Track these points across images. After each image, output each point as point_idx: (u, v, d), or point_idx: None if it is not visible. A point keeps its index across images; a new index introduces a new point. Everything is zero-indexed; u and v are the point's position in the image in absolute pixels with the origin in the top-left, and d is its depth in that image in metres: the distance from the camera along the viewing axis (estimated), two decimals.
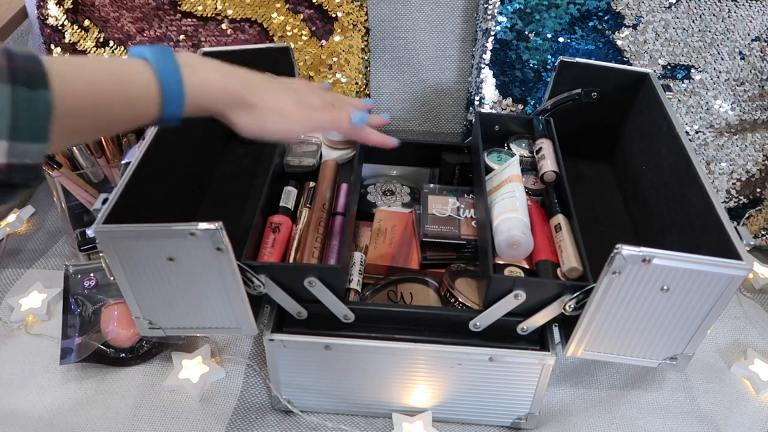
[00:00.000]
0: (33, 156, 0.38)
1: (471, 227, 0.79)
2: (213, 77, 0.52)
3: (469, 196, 0.83)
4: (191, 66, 0.51)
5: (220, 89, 0.52)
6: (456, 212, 0.81)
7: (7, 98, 0.36)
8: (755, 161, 1.00)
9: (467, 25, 1.02)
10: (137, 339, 0.81)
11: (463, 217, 0.80)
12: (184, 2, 0.99)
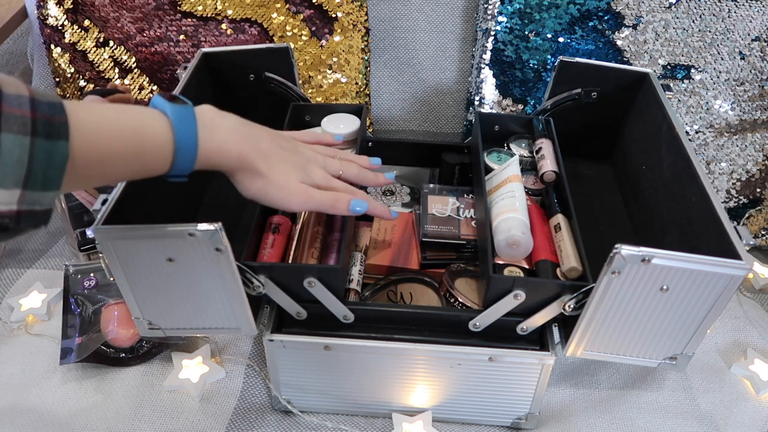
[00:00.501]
0: (43, 203, 0.39)
1: (471, 227, 0.79)
2: (228, 141, 0.53)
3: (469, 196, 0.83)
4: (209, 128, 0.52)
5: (232, 154, 0.54)
6: (456, 212, 0.81)
7: (26, 151, 0.36)
8: (755, 161, 1.00)
9: (467, 25, 1.02)
10: (137, 339, 0.82)
11: (463, 217, 0.80)
12: (184, 2, 0.99)
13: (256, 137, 0.56)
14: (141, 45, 1.02)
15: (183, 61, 1.03)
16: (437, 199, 0.82)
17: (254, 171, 0.56)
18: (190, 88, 0.78)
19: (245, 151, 0.54)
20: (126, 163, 0.47)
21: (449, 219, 0.80)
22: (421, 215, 0.81)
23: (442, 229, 0.78)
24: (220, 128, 0.53)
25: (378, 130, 1.10)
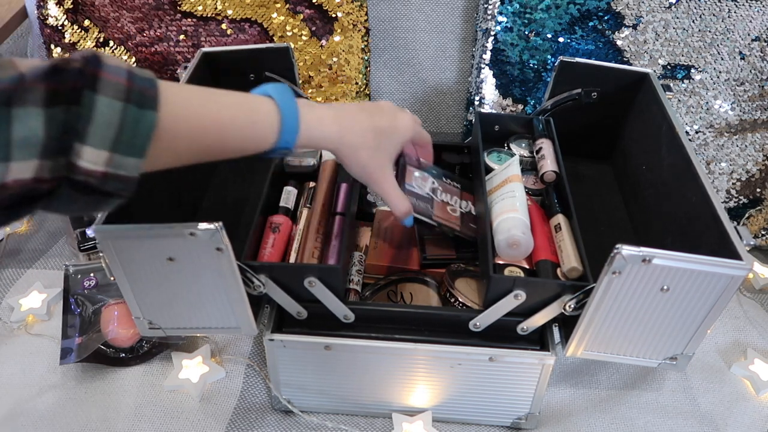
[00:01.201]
0: (128, 169, 0.41)
1: (446, 212, 0.75)
2: (327, 116, 0.57)
3: (447, 181, 0.80)
4: (308, 104, 0.56)
5: (333, 129, 0.57)
6: (432, 192, 0.76)
7: (117, 115, 0.39)
8: (755, 161, 1.00)
9: (467, 25, 1.02)
10: (137, 339, 0.82)
11: (439, 199, 0.76)
12: (184, 2, 0.99)
13: (353, 115, 0.60)
14: (141, 45, 1.02)
15: (183, 61, 1.03)
16: (417, 173, 0.76)
17: (355, 148, 0.59)
18: None
19: (345, 126, 0.58)
20: (228, 134, 0.50)
21: (426, 198, 0.75)
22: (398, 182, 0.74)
23: (418, 204, 0.73)
24: (317, 105, 0.57)
25: None
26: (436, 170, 0.78)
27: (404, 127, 0.64)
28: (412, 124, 0.65)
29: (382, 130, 0.61)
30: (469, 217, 0.76)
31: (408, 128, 0.65)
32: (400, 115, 0.64)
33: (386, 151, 0.62)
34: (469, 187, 0.80)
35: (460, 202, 0.77)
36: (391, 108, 0.64)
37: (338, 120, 0.58)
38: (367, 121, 0.60)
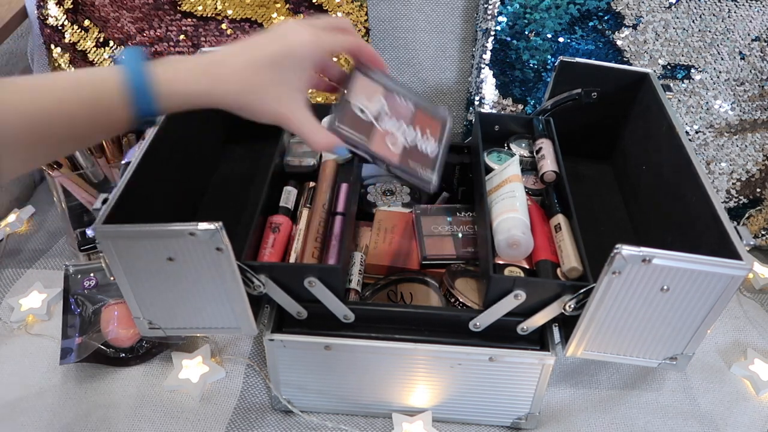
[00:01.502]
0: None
1: (384, 145, 0.60)
2: (191, 68, 0.50)
3: (402, 99, 0.63)
4: (168, 61, 0.50)
5: (200, 82, 0.50)
6: (376, 118, 0.61)
7: None
8: (755, 161, 1.00)
9: (467, 25, 1.02)
10: (137, 339, 0.82)
11: (382, 127, 0.61)
12: (184, 2, 0.99)
13: (229, 59, 0.51)
14: (141, 45, 1.02)
15: None
16: (367, 88, 0.63)
17: (238, 95, 0.51)
18: None
19: (217, 75, 0.51)
20: (76, 120, 0.46)
21: (365, 123, 0.61)
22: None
23: (352, 135, 0.59)
24: (183, 60, 0.51)
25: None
26: (394, 83, 0.63)
27: (301, 48, 0.52)
28: (310, 39, 0.52)
29: (271, 62, 0.51)
30: (413, 153, 0.61)
31: (306, 46, 0.52)
32: (293, 34, 0.52)
33: (285, 84, 0.52)
34: (429, 111, 0.64)
35: (406, 130, 0.62)
36: (283, 29, 0.53)
37: (208, 70, 0.50)
38: (246, 58, 0.51)
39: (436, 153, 0.62)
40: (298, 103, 0.53)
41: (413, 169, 0.60)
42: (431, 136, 0.63)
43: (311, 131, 0.54)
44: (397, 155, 0.60)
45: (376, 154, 0.58)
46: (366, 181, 0.93)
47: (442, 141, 0.63)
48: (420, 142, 0.62)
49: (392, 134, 0.60)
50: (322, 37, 0.53)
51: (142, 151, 0.65)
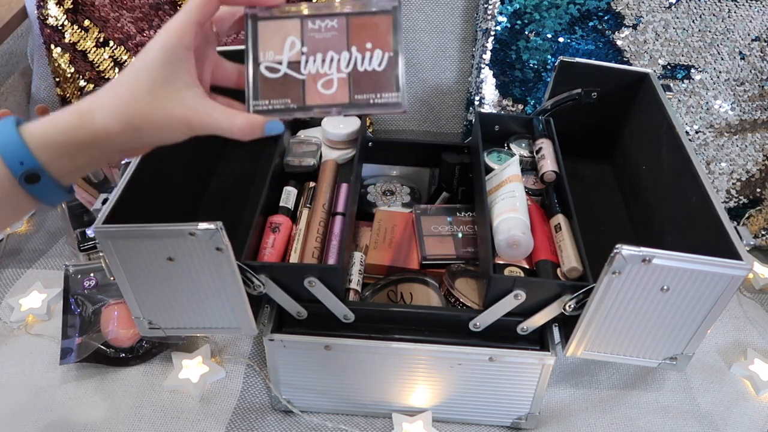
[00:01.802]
0: None
1: (319, 92, 0.48)
2: (69, 109, 0.43)
3: (319, 20, 0.49)
4: (41, 120, 0.43)
5: (72, 115, 0.43)
6: (297, 64, 0.49)
7: None
8: (755, 161, 1.00)
9: (467, 25, 1.02)
10: (137, 339, 0.81)
11: (308, 70, 0.48)
12: (184, 2, 0.99)
13: (109, 86, 0.44)
14: (141, 45, 1.02)
15: None
16: (269, 31, 0.52)
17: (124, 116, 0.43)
18: None
19: (95, 101, 0.43)
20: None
21: (290, 78, 0.49)
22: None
23: (276, 103, 0.49)
24: (62, 110, 0.43)
25: (378, 130, 1.10)
26: (300, 9, 0.48)
27: (166, 37, 0.43)
28: (173, 23, 0.44)
29: (143, 67, 0.43)
30: (359, 80, 0.47)
31: (170, 31, 0.43)
32: (158, 33, 0.44)
33: (167, 83, 0.43)
34: (365, 9, 0.48)
35: (338, 59, 0.47)
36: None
37: (78, 103, 0.43)
38: (116, 79, 0.44)
39: (386, 62, 0.47)
40: (194, 97, 0.44)
41: (365, 100, 0.47)
42: (376, 44, 0.47)
43: (225, 120, 0.44)
44: (340, 95, 0.47)
45: (314, 108, 0.47)
46: (366, 181, 0.93)
47: (391, 41, 0.47)
48: (360, 61, 0.47)
49: (321, 74, 0.48)
50: (182, 11, 0.44)
51: None
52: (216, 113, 0.44)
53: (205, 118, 0.44)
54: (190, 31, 0.44)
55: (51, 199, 0.43)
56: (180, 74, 0.43)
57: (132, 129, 0.43)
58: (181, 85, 0.43)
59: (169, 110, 0.43)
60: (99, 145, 0.43)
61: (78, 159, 0.43)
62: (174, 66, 0.43)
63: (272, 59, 0.47)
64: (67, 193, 0.44)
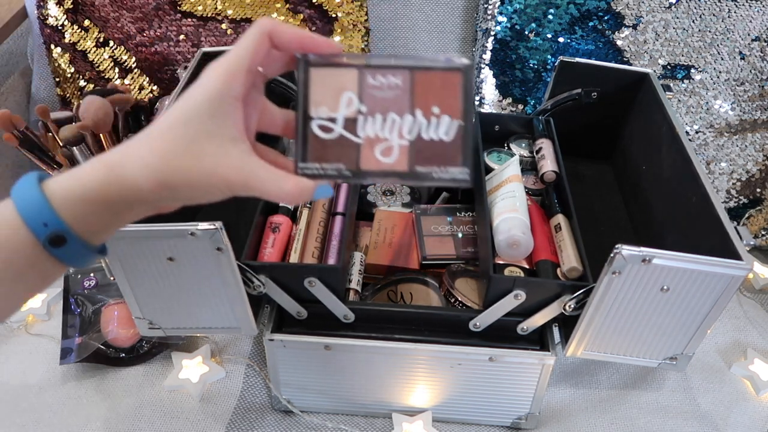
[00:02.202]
0: None
1: (375, 158, 0.43)
2: (92, 162, 0.38)
3: (379, 77, 0.43)
4: (65, 173, 0.38)
5: (99, 170, 0.38)
6: (352, 124, 0.44)
7: None
8: (755, 161, 1.00)
9: (467, 25, 1.02)
10: (137, 339, 0.81)
11: (365, 133, 0.43)
12: (184, 2, 0.99)
13: (138, 139, 0.39)
14: (141, 45, 1.02)
15: (183, 61, 1.03)
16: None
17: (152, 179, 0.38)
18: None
19: (122, 156, 0.38)
20: None
21: (343, 140, 0.44)
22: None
23: (326, 169, 0.43)
24: (86, 163, 0.39)
25: None
26: (363, 58, 0.42)
27: (209, 86, 0.38)
28: (216, 70, 0.38)
29: (182, 118, 0.38)
30: (422, 149, 0.41)
31: (214, 80, 0.38)
32: (200, 79, 0.38)
33: (212, 137, 0.38)
34: (433, 67, 0.41)
35: (400, 123, 0.41)
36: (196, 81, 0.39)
37: (106, 156, 0.38)
38: (151, 129, 0.38)
39: (455, 132, 0.41)
40: (239, 154, 0.39)
41: (427, 173, 0.42)
42: (443, 108, 0.41)
43: (273, 183, 0.39)
44: (399, 163, 0.42)
45: (369, 174, 0.42)
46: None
47: (462, 107, 0.41)
48: (426, 128, 0.42)
49: (380, 139, 0.42)
50: (231, 55, 0.39)
51: None
52: (263, 174, 0.39)
53: (251, 179, 0.39)
54: (239, 79, 0.38)
55: (80, 261, 0.39)
56: (225, 127, 0.38)
57: (167, 187, 0.38)
58: (225, 140, 0.38)
59: (210, 169, 0.38)
60: (129, 203, 0.38)
61: (105, 217, 0.38)
62: (220, 118, 0.38)
63: (326, 116, 0.41)
64: (97, 253, 0.39)
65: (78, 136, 0.88)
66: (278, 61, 0.42)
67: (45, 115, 0.86)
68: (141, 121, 0.95)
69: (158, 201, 0.39)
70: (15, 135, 0.81)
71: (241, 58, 0.38)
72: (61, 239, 0.37)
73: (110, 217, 0.39)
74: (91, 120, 0.86)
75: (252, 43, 0.39)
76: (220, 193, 0.40)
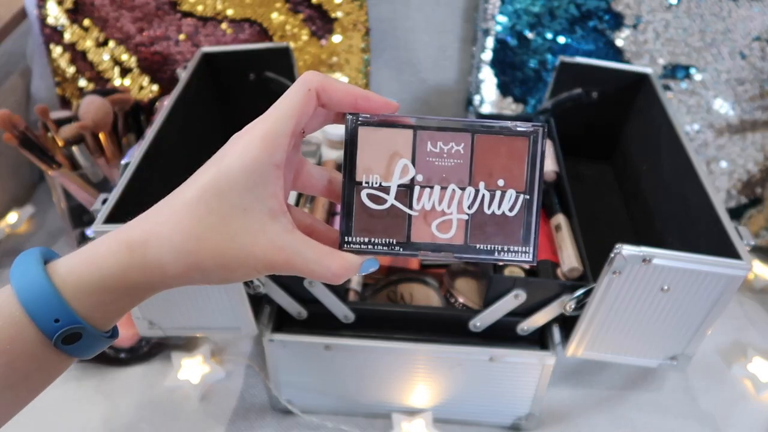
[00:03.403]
0: None
1: (430, 231, 0.37)
2: (106, 243, 0.33)
3: (439, 144, 0.37)
4: (74, 254, 0.34)
5: (121, 253, 0.33)
6: (406, 192, 0.37)
7: None
8: (755, 161, 1.00)
9: (467, 25, 1.02)
10: (137, 339, 0.81)
11: (420, 205, 0.37)
12: (184, 2, 0.99)
13: (157, 211, 0.35)
14: (141, 45, 1.02)
15: (183, 61, 1.03)
16: (378, 151, 0.38)
17: (178, 262, 0.33)
18: (190, 88, 0.78)
19: (145, 235, 0.34)
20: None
21: (394, 212, 0.37)
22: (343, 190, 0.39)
23: (375, 243, 0.37)
24: (96, 241, 0.34)
25: None
26: (420, 118, 0.37)
27: (246, 158, 0.33)
28: (254, 142, 0.33)
29: (214, 191, 0.33)
30: (482, 223, 0.37)
31: (251, 155, 0.33)
32: (232, 145, 0.35)
33: (249, 212, 0.33)
34: (499, 131, 0.37)
35: (460, 195, 0.37)
36: (230, 141, 0.36)
37: (123, 232, 0.33)
38: (175, 198, 0.35)
39: (520, 207, 0.37)
40: (280, 231, 0.34)
41: (486, 250, 0.37)
42: (509, 181, 0.37)
43: (317, 263, 0.34)
44: (455, 239, 0.37)
45: (421, 246, 0.37)
46: None
47: (527, 178, 0.37)
48: (488, 202, 0.37)
49: (437, 213, 0.37)
50: (273, 116, 0.34)
51: (142, 151, 0.65)
52: (307, 253, 0.34)
53: (294, 259, 0.34)
54: (282, 145, 0.33)
55: (92, 352, 0.35)
56: (264, 201, 0.33)
57: (196, 270, 0.33)
58: (264, 216, 0.33)
59: (247, 249, 0.33)
60: (154, 287, 0.34)
61: (125, 303, 0.34)
62: (258, 190, 0.33)
63: (376, 185, 0.37)
64: (109, 339, 0.35)
65: (78, 136, 0.88)
66: (322, 115, 0.37)
67: (45, 115, 0.86)
68: (141, 121, 0.95)
69: (187, 283, 0.34)
70: (15, 135, 0.81)
71: (285, 120, 0.34)
72: (76, 336, 0.32)
73: (130, 302, 0.34)
74: (91, 120, 0.86)
75: (298, 103, 0.34)
76: (257, 273, 0.34)
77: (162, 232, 0.33)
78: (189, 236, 0.33)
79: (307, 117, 0.35)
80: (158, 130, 0.68)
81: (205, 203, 0.33)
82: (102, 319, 0.33)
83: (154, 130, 0.68)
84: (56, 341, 0.32)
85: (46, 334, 0.32)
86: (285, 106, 0.34)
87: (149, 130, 0.69)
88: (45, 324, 0.32)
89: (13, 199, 1.06)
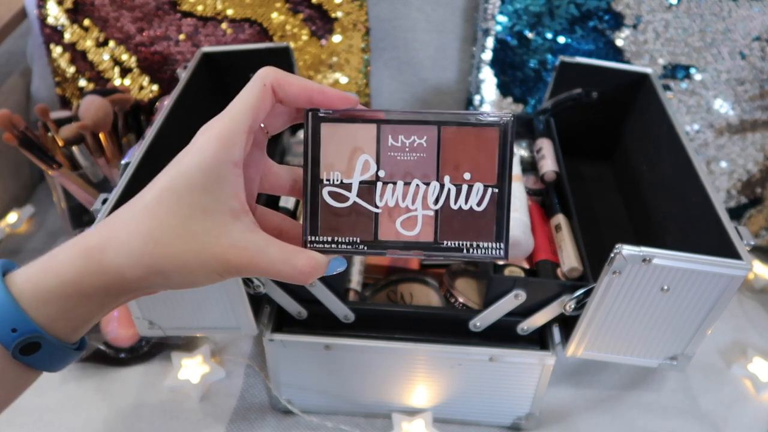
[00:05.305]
0: None
1: (395, 229, 0.36)
2: (65, 248, 0.33)
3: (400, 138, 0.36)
4: (35, 263, 0.33)
5: (78, 257, 0.33)
6: (368, 196, 0.36)
7: None
8: (755, 161, 1.00)
9: (467, 25, 1.02)
10: (137, 339, 0.81)
11: (383, 201, 0.36)
12: (184, 2, 0.99)
13: (120, 213, 0.35)
14: (141, 45, 1.02)
15: (183, 61, 1.03)
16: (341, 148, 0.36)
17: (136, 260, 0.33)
18: (190, 88, 0.78)
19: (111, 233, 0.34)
20: None
21: (358, 209, 0.36)
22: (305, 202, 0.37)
23: (341, 242, 0.36)
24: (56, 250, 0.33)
25: None
26: (377, 113, 0.36)
27: (201, 155, 0.33)
28: (208, 136, 0.34)
29: (169, 193, 0.33)
30: (449, 220, 0.36)
31: (206, 149, 0.33)
32: (190, 146, 0.35)
33: (208, 213, 0.32)
34: (466, 122, 0.35)
35: (425, 191, 0.36)
36: (188, 145, 0.35)
37: (82, 239, 0.33)
38: (132, 204, 0.35)
39: (489, 200, 0.36)
40: (242, 230, 0.33)
41: (455, 247, 0.36)
42: (476, 174, 0.35)
43: (283, 262, 0.33)
44: (423, 235, 0.36)
45: (388, 245, 0.36)
46: None
47: (498, 171, 0.35)
48: (454, 197, 0.36)
49: (402, 209, 0.36)
50: (229, 113, 0.34)
51: (142, 151, 0.65)
52: (271, 252, 0.33)
53: (258, 258, 0.33)
54: (239, 141, 0.33)
55: (57, 365, 0.34)
56: (224, 200, 0.32)
57: (156, 274, 0.32)
58: (225, 216, 0.32)
59: (207, 250, 0.32)
60: (113, 294, 0.33)
61: (86, 311, 0.33)
62: (217, 190, 0.32)
63: (338, 182, 0.36)
64: (75, 351, 0.34)
65: (78, 136, 0.88)
66: (283, 114, 0.36)
67: (45, 115, 0.86)
68: (141, 121, 0.95)
69: (146, 288, 0.34)
70: (15, 135, 0.81)
71: (240, 117, 0.33)
72: (34, 346, 0.32)
73: (92, 310, 0.33)
74: (90, 120, 0.86)
75: (253, 98, 0.34)
76: (219, 276, 0.33)
77: (120, 236, 0.32)
78: (148, 239, 0.32)
79: (265, 113, 0.34)
80: (158, 130, 0.68)
81: (165, 205, 0.32)
82: (65, 328, 0.33)
83: (154, 130, 0.68)
84: (14, 351, 0.31)
85: (3, 344, 0.31)
86: (241, 103, 0.34)
87: (149, 130, 0.69)
88: (2, 334, 0.31)
89: (13, 199, 1.06)
